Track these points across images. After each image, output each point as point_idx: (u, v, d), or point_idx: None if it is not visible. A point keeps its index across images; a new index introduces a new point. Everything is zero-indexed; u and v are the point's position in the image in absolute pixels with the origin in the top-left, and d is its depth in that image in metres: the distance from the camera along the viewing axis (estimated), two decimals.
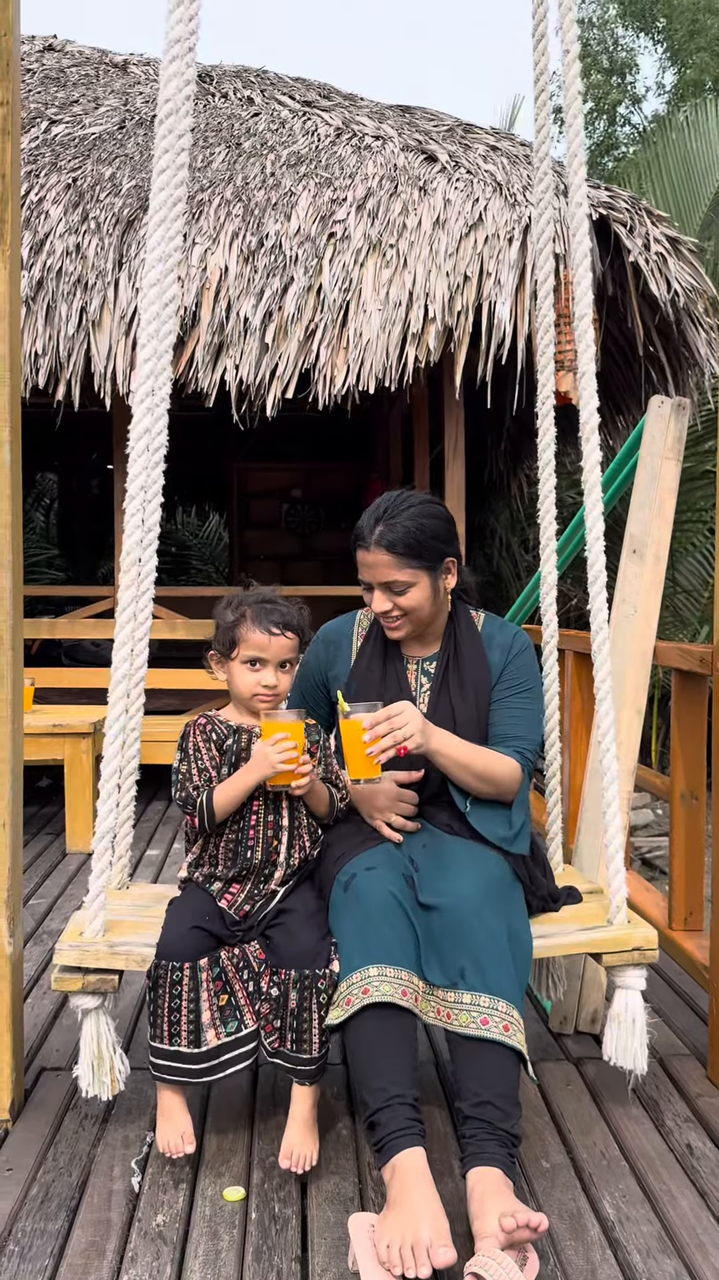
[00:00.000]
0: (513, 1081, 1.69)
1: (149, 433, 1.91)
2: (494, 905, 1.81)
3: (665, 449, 2.49)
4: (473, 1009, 1.71)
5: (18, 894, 2.07)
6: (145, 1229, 1.68)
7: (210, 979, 1.82)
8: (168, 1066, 1.81)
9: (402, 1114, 1.64)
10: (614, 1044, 2.01)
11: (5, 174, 1.97)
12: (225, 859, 1.94)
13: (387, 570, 1.96)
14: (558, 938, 2.00)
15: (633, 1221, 1.70)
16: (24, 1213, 1.72)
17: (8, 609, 1.99)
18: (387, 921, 1.78)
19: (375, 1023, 1.70)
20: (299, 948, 1.82)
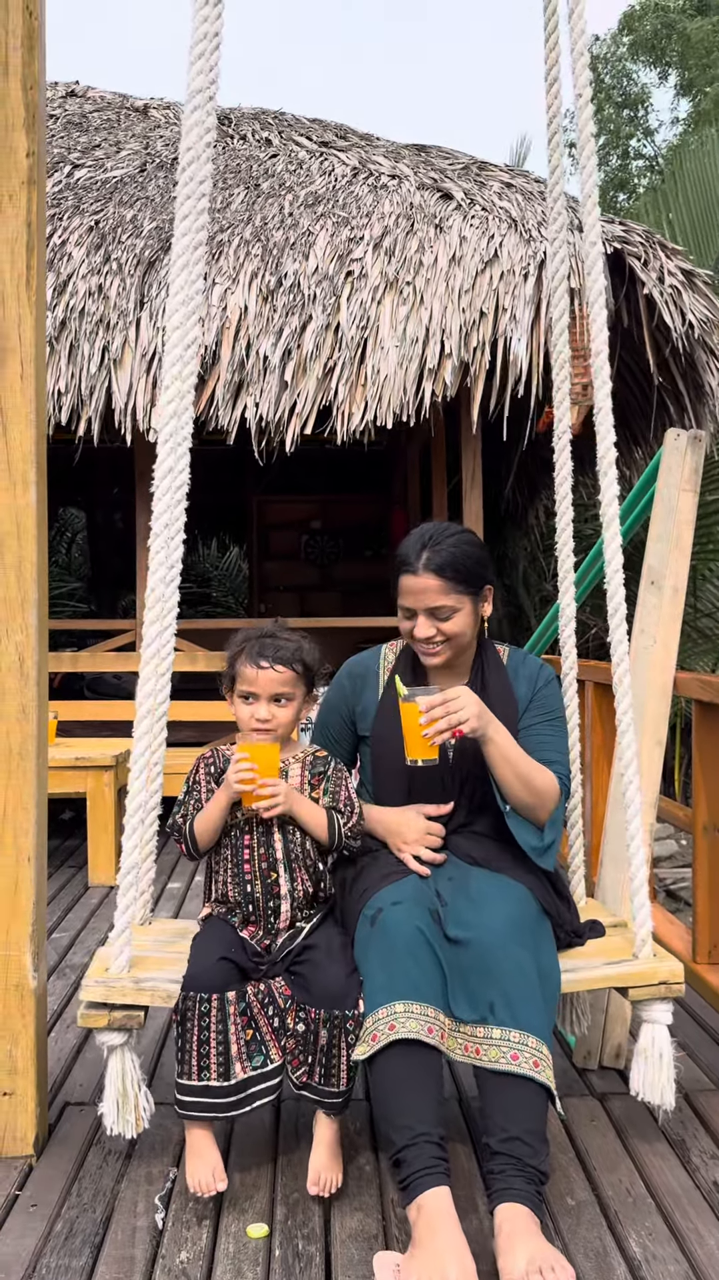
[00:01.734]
0: (541, 1118, 1.69)
1: (172, 472, 1.93)
2: (522, 939, 1.80)
3: (682, 481, 2.50)
4: (502, 1044, 1.71)
5: (42, 929, 2.08)
6: (169, 1266, 1.67)
7: (237, 1013, 1.82)
8: (196, 1103, 1.80)
9: (427, 1152, 1.63)
10: (642, 1079, 1.99)
11: (31, 222, 2.00)
12: (235, 896, 1.96)
13: (435, 595, 1.97)
14: (584, 972, 2.00)
15: (660, 1260, 1.68)
16: (48, 1249, 1.71)
17: (33, 646, 2.02)
18: (413, 957, 1.77)
19: (401, 1059, 1.70)
20: (328, 987, 1.82)
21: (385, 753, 2.09)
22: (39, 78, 2.01)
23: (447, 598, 1.98)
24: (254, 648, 1.95)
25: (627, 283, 5.13)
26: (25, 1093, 2.00)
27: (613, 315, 5.16)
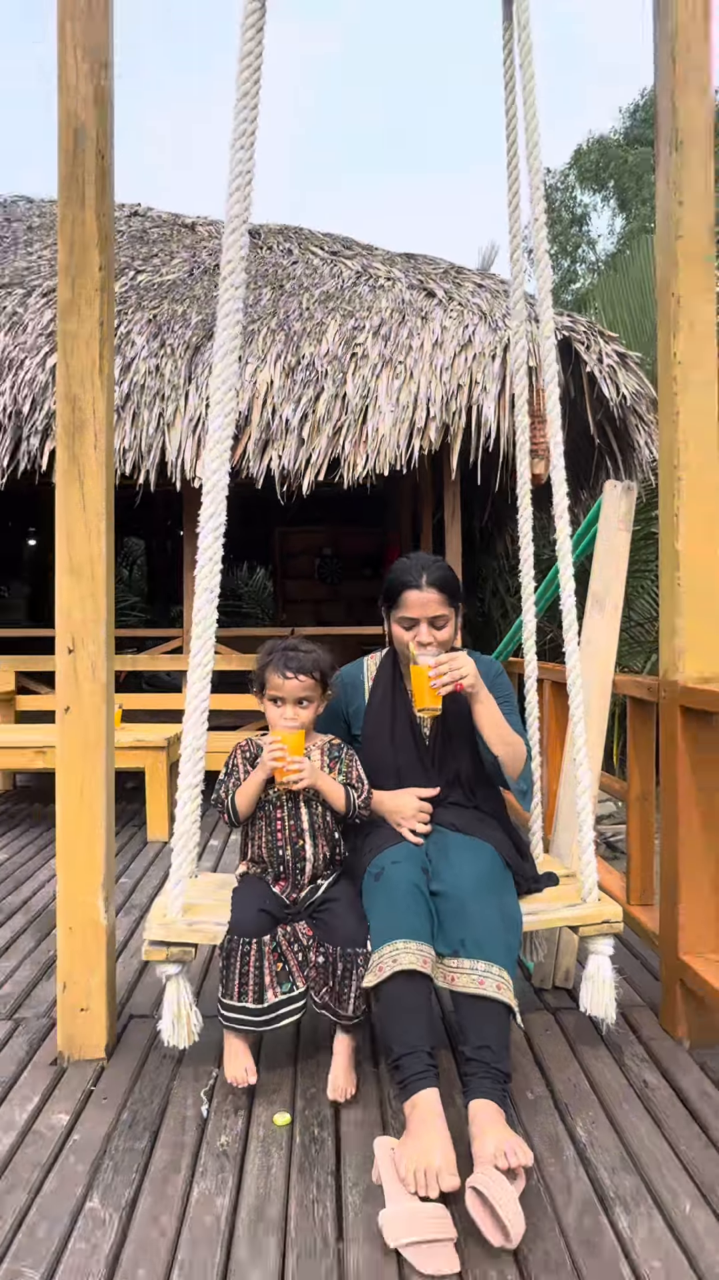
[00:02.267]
0: (505, 1030, 1.70)
1: (214, 516, 1.94)
2: (487, 891, 1.82)
3: (618, 522, 2.51)
4: (472, 972, 1.72)
5: (111, 877, 2.09)
6: (212, 1148, 1.68)
7: (270, 951, 1.84)
8: (236, 1019, 1.83)
9: (421, 1060, 1.64)
10: (590, 999, 2.01)
11: (103, 320, 2.02)
12: (268, 858, 1.96)
13: (436, 606, 1.98)
14: (544, 914, 2.01)
15: (600, 1144, 1.69)
16: (116, 1134, 1.73)
17: (103, 654, 2.03)
18: (409, 905, 1.79)
19: (401, 986, 1.71)
20: (345, 931, 1.84)
21: (374, 747, 2.10)
22: (109, 206, 2.03)
23: (443, 608, 1.99)
24: (280, 659, 1.94)
25: (573, 362, 5.14)
26: (98, 1008, 2.02)
27: (562, 389, 5.17)
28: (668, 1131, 1.73)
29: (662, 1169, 1.61)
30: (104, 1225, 1.47)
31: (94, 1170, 1.61)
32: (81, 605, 2.01)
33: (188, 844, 1.95)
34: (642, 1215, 1.49)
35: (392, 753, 2.06)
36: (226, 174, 1.93)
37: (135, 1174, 1.60)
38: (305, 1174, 1.60)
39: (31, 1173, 1.61)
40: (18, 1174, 1.61)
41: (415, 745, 2.08)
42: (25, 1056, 2.04)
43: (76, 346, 2.00)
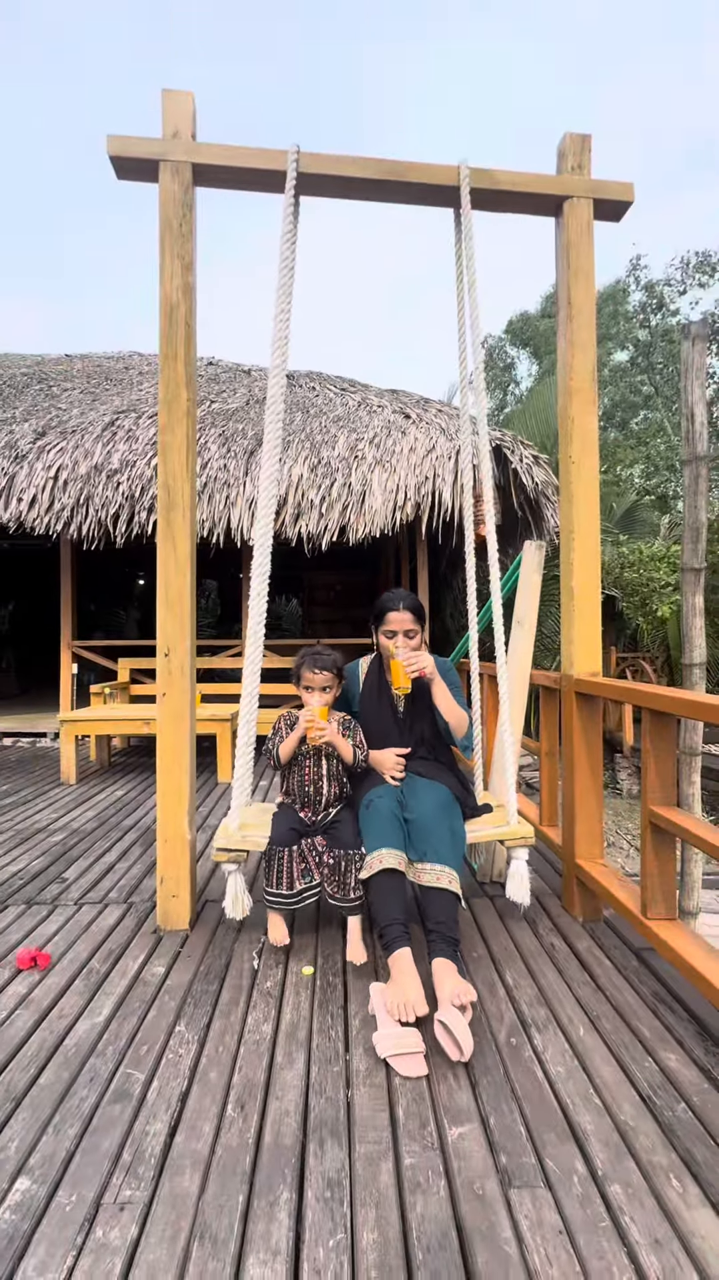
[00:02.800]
0: (455, 910, 1.68)
1: (261, 565, 1.94)
2: (442, 815, 1.80)
3: (534, 568, 2.50)
4: (432, 872, 1.70)
5: (193, 806, 2.08)
6: (261, 989, 1.67)
7: (296, 855, 1.83)
8: (274, 901, 1.82)
9: (399, 929, 1.63)
10: (512, 889, 1.99)
11: (189, 435, 2.02)
12: (298, 793, 1.94)
13: (408, 622, 1.96)
14: (482, 831, 1.99)
15: (522, 987, 1.68)
16: (196, 979, 1.72)
17: (188, 657, 2.02)
18: (389, 824, 1.77)
19: (385, 879, 1.69)
20: (346, 838, 1.82)
21: (366, 719, 2.07)
22: (193, 359, 2.03)
23: (414, 624, 1.97)
24: (310, 660, 1.93)
25: (503, 462, 5.16)
26: (184, 895, 2.00)
27: (496, 480, 5.18)
28: (568, 978, 1.72)
29: (563, 1003, 1.60)
30: (188, 1043, 1.46)
31: (181, 1005, 1.60)
32: (173, 624, 2.01)
33: (244, 785, 1.94)
34: (550, 1035, 1.48)
35: (378, 722, 2.05)
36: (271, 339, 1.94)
37: (209, 1007, 1.59)
38: (323, 1008, 1.58)
39: (140, 1006, 1.60)
40: (130, 1007, 1.59)
41: (393, 717, 2.07)
42: (135, 928, 2.02)
43: (171, 453, 2.01)
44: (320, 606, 9.84)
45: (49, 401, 6.08)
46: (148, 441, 5.15)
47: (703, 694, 1.59)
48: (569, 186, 2.12)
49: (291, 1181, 1.12)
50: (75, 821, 3.23)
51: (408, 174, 2.05)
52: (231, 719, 4.16)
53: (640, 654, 9.62)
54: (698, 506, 3.05)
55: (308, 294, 75.57)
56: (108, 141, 1.97)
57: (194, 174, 2.00)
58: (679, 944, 1.54)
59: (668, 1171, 1.14)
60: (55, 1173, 1.15)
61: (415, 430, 5.20)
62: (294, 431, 5.35)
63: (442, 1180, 1.12)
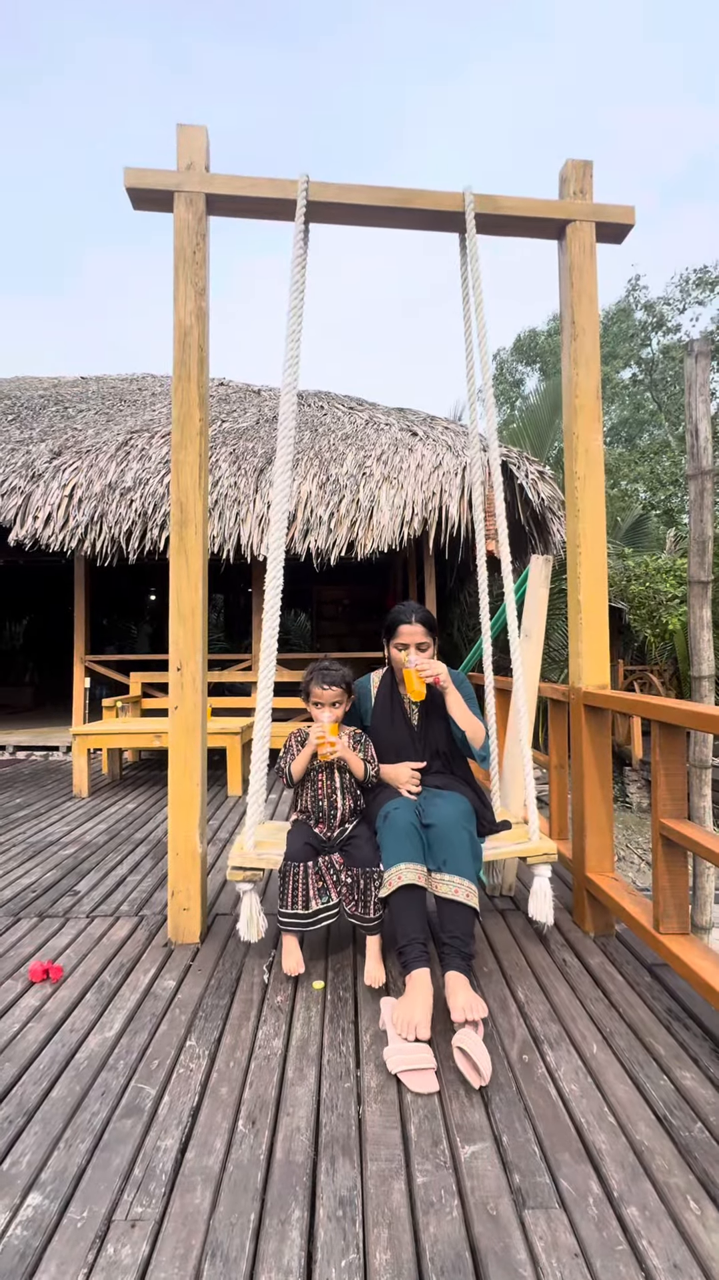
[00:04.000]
0: (470, 924, 1.66)
1: (274, 580, 1.95)
2: (460, 826, 1.77)
3: (541, 581, 2.49)
4: (449, 883, 1.68)
5: (204, 819, 2.08)
6: (271, 1003, 1.65)
7: (313, 872, 1.78)
8: (288, 922, 1.76)
9: (418, 948, 1.60)
10: (535, 908, 1.95)
11: (202, 453, 2.05)
12: (312, 808, 1.92)
13: (420, 635, 1.96)
14: (504, 848, 1.95)
15: (534, 1003, 1.65)
16: (207, 993, 1.70)
17: (201, 670, 2.03)
18: (407, 837, 1.74)
19: (405, 895, 1.66)
20: (364, 856, 1.77)
21: (380, 734, 2.05)
22: (205, 380, 2.07)
23: (426, 638, 1.97)
24: (319, 676, 1.91)
25: (509, 478, 5.18)
26: (195, 909, 1.99)
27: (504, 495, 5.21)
28: (580, 994, 1.69)
29: (576, 1020, 1.57)
30: (198, 1057, 1.45)
31: (192, 1019, 1.59)
32: (185, 639, 2.02)
33: (259, 801, 1.92)
34: (563, 1053, 1.46)
35: (392, 736, 2.03)
36: (283, 359, 1.98)
37: (219, 1021, 1.57)
38: (334, 1023, 1.57)
39: (151, 1020, 1.59)
40: (141, 1021, 1.58)
41: (408, 731, 2.05)
42: (146, 940, 2.01)
43: (183, 470, 2.03)
44: (329, 621, 9.87)
45: (65, 422, 6.19)
46: (160, 460, 5.23)
47: (712, 707, 1.58)
48: (571, 211, 2.15)
49: (303, 1199, 1.10)
50: (87, 834, 3.23)
51: (414, 201, 2.09)
52: (242, 732, 4.16)
53: (648, 666, 9.55)
54: (703, 520, 3.05)
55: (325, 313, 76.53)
56: (125, 174, 2.02)
57: (208, 204, 2.06)
58: (693, 959, 1.52)
59: (685, 1193, 1.12)
60: (67, 1188, 1.14)
61: (422, 447, 5.24)
62: (303, 449, 5.41)
63: (454, 1200, 1.10)
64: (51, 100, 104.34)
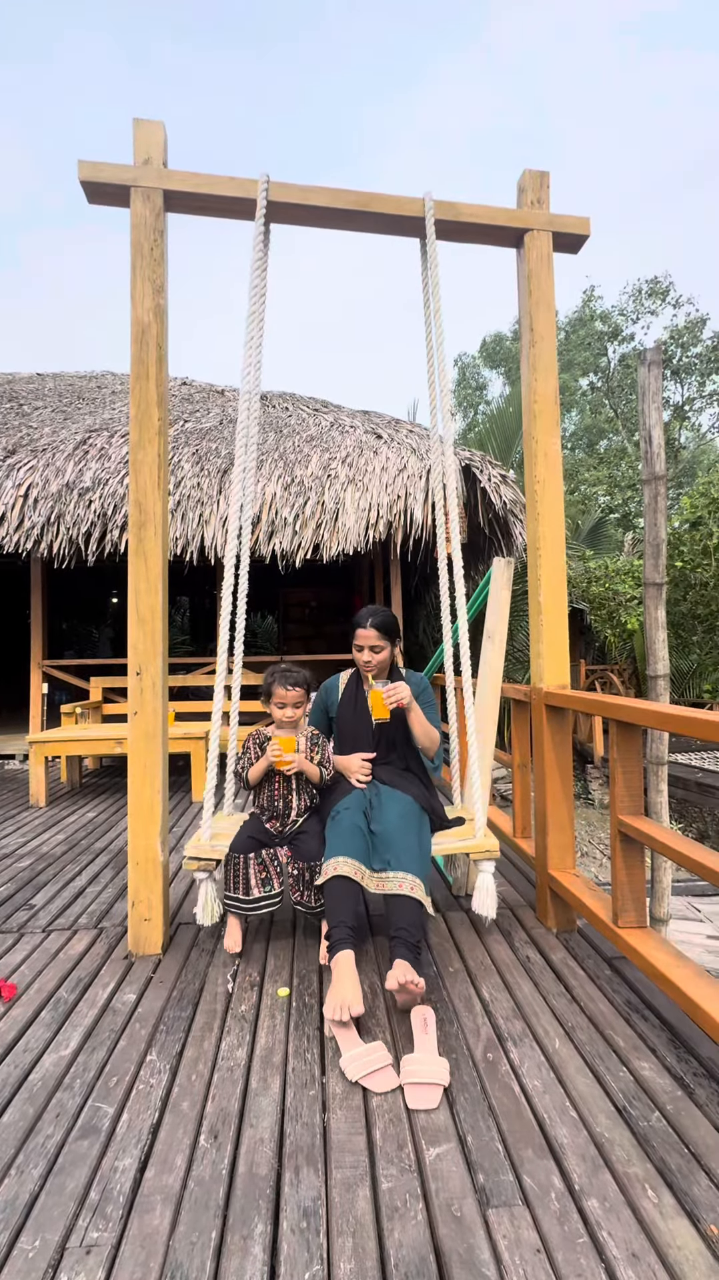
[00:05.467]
0: (418, 917, 1.68)
1: (240, 580, 1.93)
2: (407, 826, 1.82)
3: (503, 584, 2.53)
4: (394, 880, 1.72)
5: (165, 827, 2.04)
6: (235, 1013, 1.63)
7: (255, 863, 1.86)
8: (231, 904, 1.86)
9: (344, 931, 1.64)
10: (478, 902, 1.99)
11: (161, 452, 2.01)
12: (268, 806, 1.95)
13: (374, 639, 2.01)
14: (448, 844, 1.99)
15: (498, 1001, 1.67)
16: (169, 1005, 1.67)
17: (161, 675, 1.99)
18: (350, 836, 1.79)
19: (338, 885, 1.71)
20: (311, 851, 1.85)
21: (344, 725, 2.10)
22: (164, 379, 2.03)
23: (379, 641, 2.01)
24: (281, 677, 1.95)
25: (472, 481, 5.24)
26: (157, 919, 1.95)
27: (467, 497, 5.26)
28: (543, 990, 1.71)
29: (539, 1016, 1.59)
30: (159, 1072, 1.41)
31: (153, 1033, 1.55)
32: (145, 642, 1.98)
33: (210, 796, 1.96)
34: (526, 1049, 1.47)
35: (353, 729, 2.08)
36: (242, 364, 1.96)
37: (181, 1034, 1.54)
38: (299, 1030, 1.55)
39: (109, 1036, 1.54)
40: (99, 1037, 1.54)
41: (368, 724, 2.09)
42: (105, 954, 1.96)
43: (142, 470, 2.00)
44: (295, 623, 9.81)
45: (19, 420, 5.99)
46: (120, 460, 5.11)
47: (667, 705, 1.62)
48: (529, 220, 2.19)
49: (266, 1213, 1.09)
50: (44, 845, 3.13)
51: (375, 205, 2.10)
52: (206, 737, 4.10)
53: (609, 666, 9.80)
54: (658, 524, 3.14)
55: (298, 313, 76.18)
56: (79, 166, 1.97)
57: (165, 200, 2.02)
58: (650, 951, 1.56)
59: (644, 1182, 1.14)
60: (18, 1218, 1.09)
61: (387, 450, 5.26)
62: (267, 451, 5.37)
63: (419, 1204, 1.10)
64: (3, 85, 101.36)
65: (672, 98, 48.50)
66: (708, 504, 7.82)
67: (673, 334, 18.29)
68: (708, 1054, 1.45)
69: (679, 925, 3.99)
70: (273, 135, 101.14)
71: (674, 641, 8.76)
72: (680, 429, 18.74)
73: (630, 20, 49.98)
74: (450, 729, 2.37)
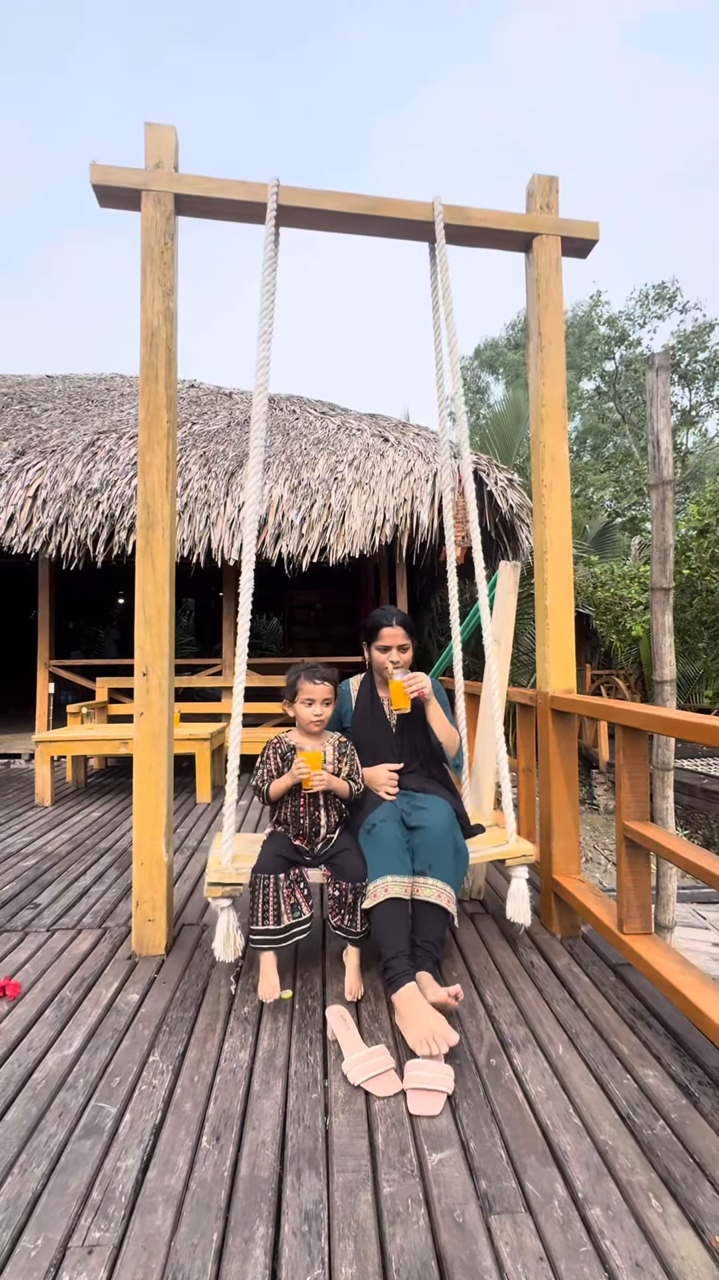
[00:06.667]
0: (444, 930, 1.67)
1: (248, 583, 1.92)
2: (447, 832, 1.76)
3: (509, 588, 2.52)
4: (431, 889, 1.68)
5: (170, 828, 2.04)
6: (238, 1014, 1.62)
7: (284, 885, 1.72)
8: (260, 940, 1.71)
9: (404, 963, 1.59)
10: (513, 909, 1.96)
11: (169, 454, 2.02)
12: (292, 823, 1.84)
13: (401, 637, 1.98)
14: (483, 851, 1.95)
15: (502, 1006, 1.66)
16: (172, 1006, 1.66)
17: (168, 675, 2.00)
18: (392, 850, 1.72)
19: (389, 909, 1.65)
20: (353, 870, 1.71)
21: (360, 735, 2.05)
22: (173, 381, 2.04)
23: (406, 639, 1.99)
24: (309, 672, 1.85)
25: (479, 484, 5.24)
26: (160, 919, 1.95)
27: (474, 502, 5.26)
28: (547, 996, 1.70)
29: (543, 1022, 1.59)
30: (162, 1073, 1.41)
31: (155, 1033, 1.55)
32: (152, 643, 1.99)
33: (234, 811, 1.87)
34: (530, 1055, 1.46)
35: (371, 737, 2.03)
36: (254, 362, 1.96)
37: (184, 1035, 1.54)
38: (302, 1033, 1.55)
39: (112, 1036, 1.54)
40: (102, 1037, 1.54)
41: (387, 733, 2.05)
42: (109, 953, 1.96)
43: (151, 472, 2.00)
44: (301, 625, 9.82)
45: (29, 421, 6.04)
46: (128, 461, 5.14)
47: (673, 710, 1.61)
48: (538, 224, 2.19)
49: (268, 1215, 1.08)
50: (49, 845, 3.14)
51: (384, 209, 2.11)
52: (211, 738, 4.10)
53: (614, 671, 9.76)
54: (665, 529, 3.13)
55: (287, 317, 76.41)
56: (91, 170, 1.99)
57: (176, 203, 2.03)
58: (655, 959, 1.54)
59: (648, 1191, 1.13)
60: (20, 1216, 1.09)
61: (394, 453, 5.26)
62: (274, 453, 5.37)
63: (421, 1209, 1.09)
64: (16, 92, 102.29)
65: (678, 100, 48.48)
66: (715, 511, 7.79)
67: (680, 339, 18.26)
68: (713, 1063, 1.44)
69: (684, 932, 3.97)
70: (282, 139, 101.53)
71: (680, 647, 8.72)
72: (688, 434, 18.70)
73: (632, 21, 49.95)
74: (461, 732, 2.35)
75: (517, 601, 2.55)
